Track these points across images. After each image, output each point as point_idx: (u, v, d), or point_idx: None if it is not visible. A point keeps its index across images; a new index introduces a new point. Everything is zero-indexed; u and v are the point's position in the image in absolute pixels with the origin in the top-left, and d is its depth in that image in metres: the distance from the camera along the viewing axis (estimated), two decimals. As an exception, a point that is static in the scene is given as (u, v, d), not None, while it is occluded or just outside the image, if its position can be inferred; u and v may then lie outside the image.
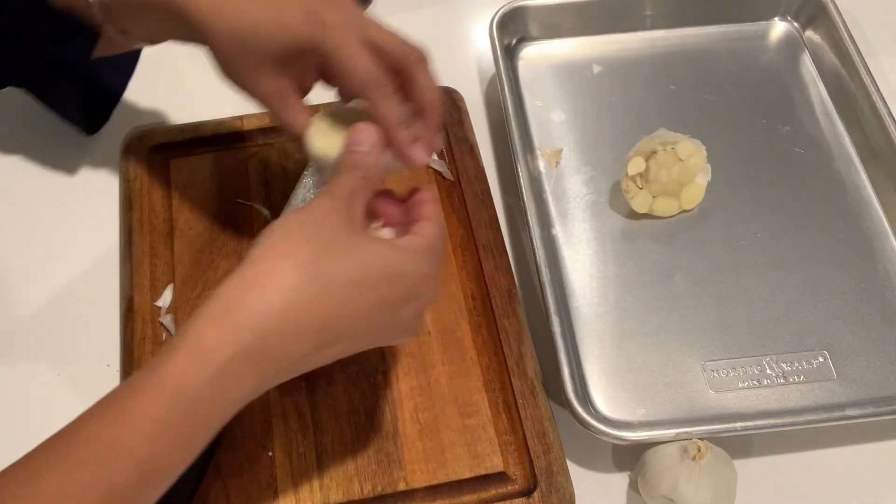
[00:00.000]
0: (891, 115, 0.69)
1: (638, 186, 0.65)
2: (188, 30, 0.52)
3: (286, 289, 0.41)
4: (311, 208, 0.45)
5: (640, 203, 0.65)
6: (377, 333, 0.46)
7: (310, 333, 0.42)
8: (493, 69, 0.75)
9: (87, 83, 0.69)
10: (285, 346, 0.41)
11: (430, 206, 0.50)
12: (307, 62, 0.53)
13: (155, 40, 0.59)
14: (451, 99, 0.73)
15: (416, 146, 0.51)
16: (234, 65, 0.52)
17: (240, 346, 0.40)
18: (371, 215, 0.50)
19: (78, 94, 0.69)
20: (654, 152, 0.65)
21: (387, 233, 0.51)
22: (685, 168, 0.65)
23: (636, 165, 0.64)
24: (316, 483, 0.56)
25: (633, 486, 0.58)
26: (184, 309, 0.63)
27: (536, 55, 0.77)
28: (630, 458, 0.59)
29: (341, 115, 0.53)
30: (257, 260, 0.42)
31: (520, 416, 0.58)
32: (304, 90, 0.55)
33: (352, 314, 0.43)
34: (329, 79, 0.55)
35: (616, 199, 0.69)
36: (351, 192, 0.46)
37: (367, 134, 0.49)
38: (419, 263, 0.46)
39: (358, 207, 0.47)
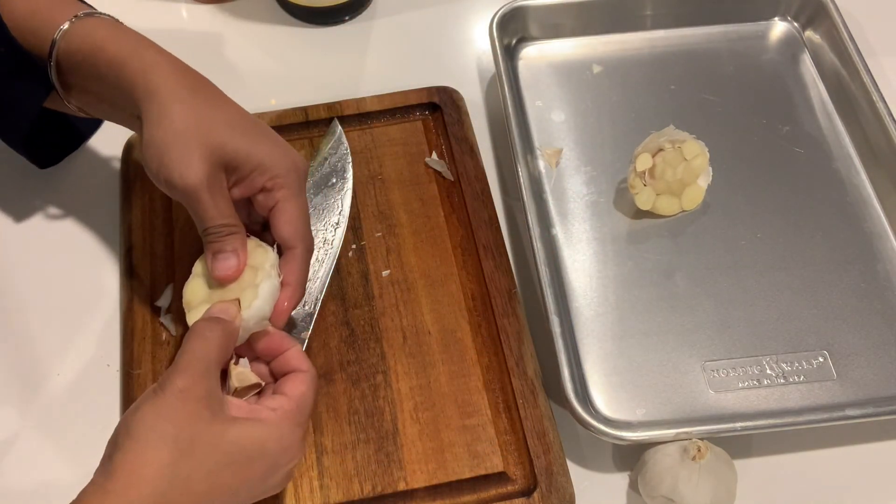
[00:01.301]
0: (891, 115, 0.69)
1: (643, 183, 0.65)
2: (133, 104, 0.52)
3: (146, 497, 0.43)
4: (167, 396, 0.45)
5: (644, 200, 0.65)
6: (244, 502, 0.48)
7: None
8: (493, 69, 0.75)
9: (44, 120, 0.65)
10: None
11: (299, 356, 0.52)
12: (242, 183, 0.54)
13: (102, 116, 0.60)
14: (451, 99, 0.73)
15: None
16: (179, 144, 0.51)
17: None
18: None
19: (23, 128, 0.63)
20: (661, 149, 0.65)
21: (243, 364, 0.52)
22: (689, 168, 0.65)
23: (644, 161, 0.64)
24: (316, 483, 0.56)
25: (633, 486, 0.58)
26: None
27: (536, 55, 0.77)
28: (630, 458, 0.59)
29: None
30: (117, 466, 0.43)
31: (520, 416, 0.58)
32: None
33: (215, 499, 0.45)
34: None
35: (619, 197, 0.69)
36: (207, 366, 0.47)
37: (233, 311, 0.51)
38: (283, 436, 0.47)
39: (214, 380, 0.47)
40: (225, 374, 0.51)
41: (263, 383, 0.51)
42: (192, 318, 0.53)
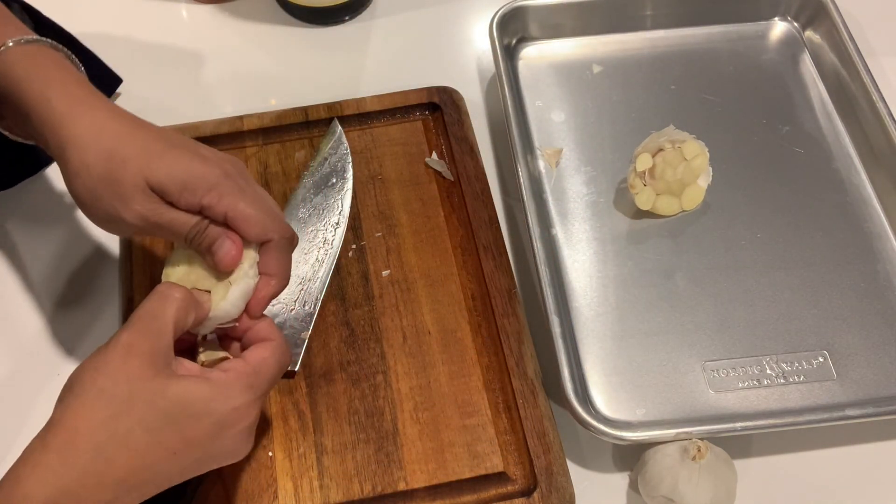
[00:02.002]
0: (891, 115, 0.69)
1: (643, 183, 0.65)
2: (53, 143, 0.50)
3: (84, 451, 0.43)
4: (112, 353, 0.45)
5: (644, 200, 0.65)
6: (193, 469, 0.47)
7: (112, 484, 0.44)
8: (493, 69, 0.75)
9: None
10: (87, 497, 0.43)
11: (268, 327, 0.51)
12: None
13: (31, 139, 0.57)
14: (451, 99, 0.73)
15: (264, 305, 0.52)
16: (103, 190, 0.49)
17: (45, 499, 0.42)
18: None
19: None
20: (661, 150, 0.65)
21: (211, 339, 0.51)
22: (689, 168, 0.65)
23: (644, 161, 0.64)
24: (316, 483, 0.56)
25: (633, 486, 0.58)
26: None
27: (536, 55, 0.77)
28: (630, 458, 0.59)
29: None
30: (57, 422, 0.44)
31: (520, 416, 0.58)
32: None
33: (156, 461, 0.44)
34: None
35: (619, 197, 0.69)
36: (159, 325, 0.46)
37: (204, 297, 0.50)
38: (230, 395, 0.46)
39: (164, 339, 0.46)
40: (193, 356, 0.50)
41: (232, 357, 0.50)
42: None
